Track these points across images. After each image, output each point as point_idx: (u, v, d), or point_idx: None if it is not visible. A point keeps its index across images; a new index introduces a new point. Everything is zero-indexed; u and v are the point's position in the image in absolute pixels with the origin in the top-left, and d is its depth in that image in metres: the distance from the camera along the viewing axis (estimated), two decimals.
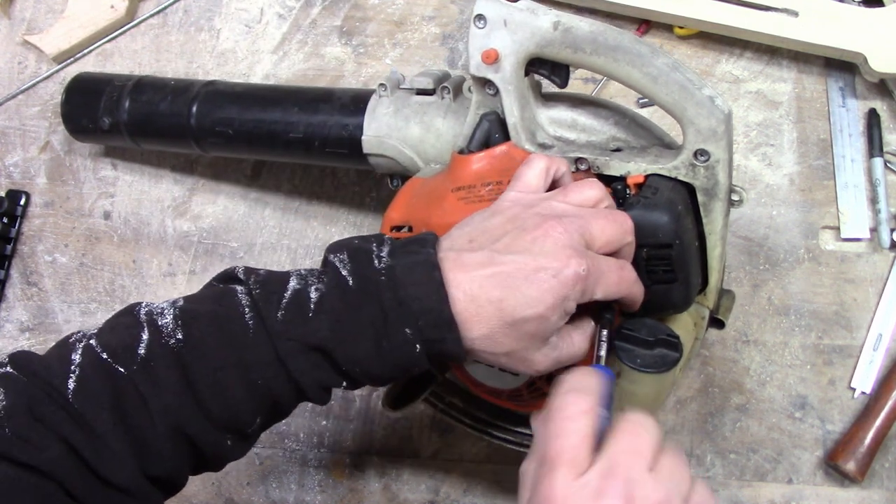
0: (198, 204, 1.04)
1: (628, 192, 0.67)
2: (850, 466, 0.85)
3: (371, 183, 1.00)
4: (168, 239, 1.03)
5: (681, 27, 0.96)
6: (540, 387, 0.69)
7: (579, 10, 0.99)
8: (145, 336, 0.59)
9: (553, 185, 0.66)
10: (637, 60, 0.65)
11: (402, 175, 0.84)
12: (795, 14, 0.91)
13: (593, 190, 0.63)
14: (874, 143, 0.92)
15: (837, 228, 0.92)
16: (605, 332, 0.63)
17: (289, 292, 0.59)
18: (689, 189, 0.68)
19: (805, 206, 0.93)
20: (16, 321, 1.05)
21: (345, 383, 0.61)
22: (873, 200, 0.91)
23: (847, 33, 0.90)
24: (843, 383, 0.90)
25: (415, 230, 0.71)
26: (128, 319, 0.61)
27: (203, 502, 0.97)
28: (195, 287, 1.01)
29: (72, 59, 1.08)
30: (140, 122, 0.94)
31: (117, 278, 1.03)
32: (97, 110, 0.96)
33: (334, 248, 0.62)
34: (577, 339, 0.62)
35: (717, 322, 0.78)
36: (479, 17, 0.69)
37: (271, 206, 1.02)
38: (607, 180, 0.69)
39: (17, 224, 1.06)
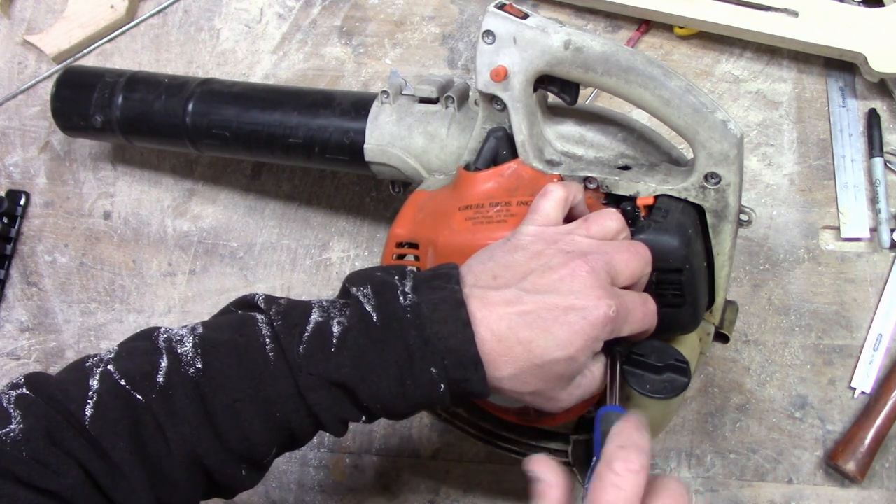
0: (198, 204, 1.04)
1: (638, 213, 0.67)
2: (850, 466, 0.85)
3: (371, 184, 1.00)
4: (168, 239, 1.03)
5: (681, 27, 0.96)
6: None
7: (579, 10, 0.99)
8: (164, 364, 0.58)
9: (570, 212, 0.66)
10: (650, 83, 0.65)
11: (404, 182, 0.84)
12: (795, 14, 0.91)
13: (613, 221, 0.63)
14: (874, 143, 0.92)
15: (837, 228, 0.92)
16: (616, 368, 0.62)
17: (311, 325, 0.59)
18: (699, 209, 0.68)
19: (805, 206, 0.93)
20: (16, 321, 1.04)
21: (364, 418, 0.60)
22: (873, 200, 0.91)
23: (847, 33, 0.90)
24: (843, 383, 0.90)
25: (421, 248, 0.71)
26: (146, 345, 0.60)
27: (202, 502, 0.97)
28: (195, 287, 1.01)
29: (72, 59, 1.08)
30: (133, 120, 0.93)
31: (117, 278, 1.03)
32: (89, 107, 0.95)
33: (356, 280, 0.61)
34: (597, 372, 0.62)
35: (721, 337, 0.78)
36: (488, 33, 0.68)
37: (271, 206, 1.02)
38: (616, 200, 0.69)
39: (17, 224, 1.06)
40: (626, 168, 0.70)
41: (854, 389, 0.89)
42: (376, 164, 0.82)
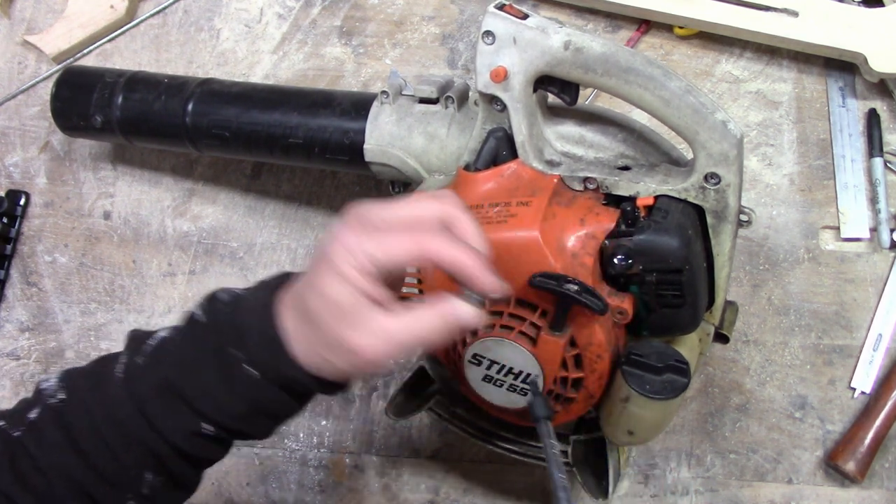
0: (198, 204, 1.04)
1: (638, 213, 0.67)
2: (850, 466, 0.85)
3: (371, 184, 1.00)
4: (168, 239, 1.03)
5: (681, 27, 0.96)
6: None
7: (579, 10, 0.99)
8: (35, 401, 0.61)
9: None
10: (649, 83, 0.65)
11: (404, 182, 0.84)
12: (795, 14, 0.91)
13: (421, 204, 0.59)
14: (874, 143, 0.92)
15: (837, 228, 0.92)
16: (552, 442, 0.61)
17: (155, 341, 0.61)
18: (699, 210, 0.68)
19: (805, 206, 0.93)
20: (16, 321, 1.05)
21: (206, 426, 0.59)
22: (873, 200, 0.91)
23: (847, 33, 0.90)
24: (843, 383, 0.90)
25: None
26: (28, 397, 0.63)
27: (203, 502, 0.97)
28: (195, 287, 1.01)
29: (72, 58, 1.08)
30: (133, 120, 0.93)
31: (117, 278, 1.03)
32: (89, 107, 0.95)
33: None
34: (422, 313, 0.56)
35: (721, 337, 0.78)
36: (488, 33, 0.68)
37: (271, 206, 1.02)
38: (616, 200, 0.68)
39: (17, 224, 1.05)
40: (625, 168, 0.70)
41: (854, 389, 0.89)
42: (376, 164, 0.82)
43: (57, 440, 0.59)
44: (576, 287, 0.62)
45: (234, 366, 0.57)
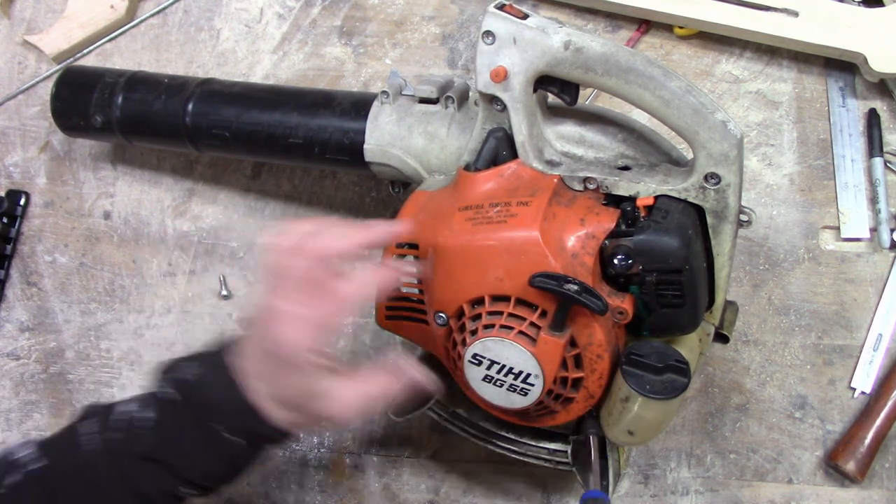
0: (198, 204, 1.03)
1: (638, 213, 0.67)
2: (850, 466, 0.85)
3: (371, 184, 1.00)
4: (168, 239, 1.03)
5: (681, 27, 0.96)
6: (548, 405, 0.69)
7: (579, 10, 0.99)
8: (10, 467, 0.64)
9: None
10: (650, 83, 0.65)
11: (404, 182, 0.84)
12: (795, 14, 0.91)
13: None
14: (874, 143, 0.92)
15: (837, 228, 0.92)
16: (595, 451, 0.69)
17: (126, 416, 0.66)
18: (699, 210, 0.68)
19: (805, 206, 0.93)
20: (16, 321, 1.04)
21: (184, 489, 0.65)
22: (873, 200, 0.91)
23: (847, 33, 0.90)
24: (843, 383, 0.90)
25: (421, 249, 0.71)
26: None
27: (202, 502, 0.97)
28: (195, 287, 1.01)
29: (72, 59, 1.08)
30: (133, 120, 0.93)
31: (117, 278, 1.03)
32: (89, 107, 0.95)
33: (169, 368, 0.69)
34: (377, 378, 0.66)
35: (721, 337, 0.78)
36: (488, 33, 0.68)
37: (271, 206, 1.02)
38: (616, 200, 0.68)
39: (17, 224, 1.05)
40: (626, 168, 0.70)
41: (854, 389, 0.89)
42: (376, 164, 0.82)
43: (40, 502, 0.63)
44: (576, 287, 0.62)
45: (216, 436, 0.63)
